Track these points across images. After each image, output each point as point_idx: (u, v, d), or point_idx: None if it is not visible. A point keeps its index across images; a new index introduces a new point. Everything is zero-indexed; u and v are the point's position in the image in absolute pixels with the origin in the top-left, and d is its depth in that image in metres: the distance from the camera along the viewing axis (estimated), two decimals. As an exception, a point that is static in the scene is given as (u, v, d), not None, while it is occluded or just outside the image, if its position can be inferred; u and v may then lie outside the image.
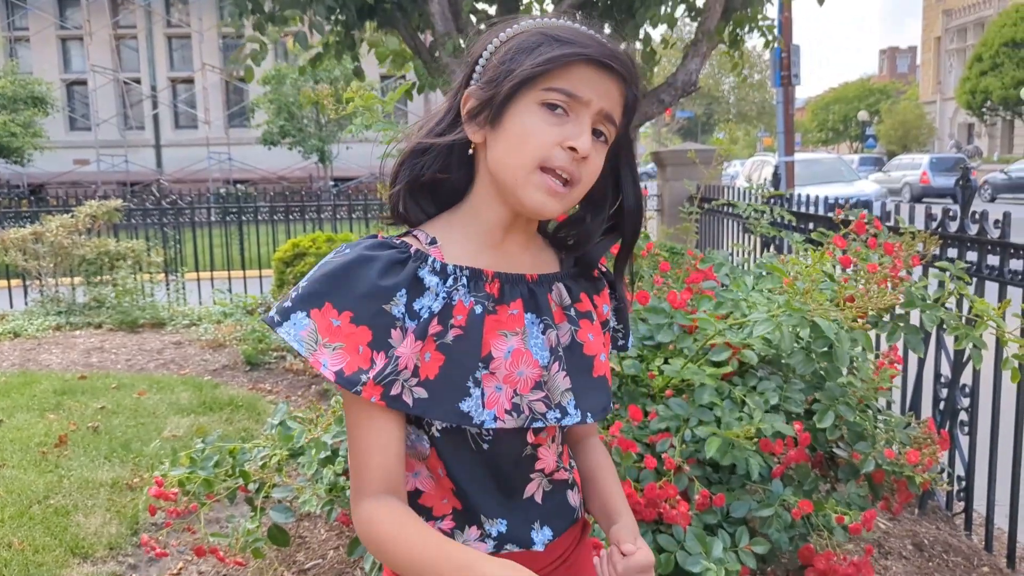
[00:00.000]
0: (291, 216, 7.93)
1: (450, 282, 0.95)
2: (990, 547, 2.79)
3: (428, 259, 0.96)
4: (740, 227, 5.31)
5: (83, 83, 26.49)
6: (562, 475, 1.07)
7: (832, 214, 3.56)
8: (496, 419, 0.95)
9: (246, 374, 5.21)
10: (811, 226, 3.78)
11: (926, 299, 2.07)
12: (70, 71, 27.14)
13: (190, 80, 26.59)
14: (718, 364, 1.98)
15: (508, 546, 1.01)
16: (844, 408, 1.98)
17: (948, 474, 2.95)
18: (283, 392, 4.80)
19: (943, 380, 2.95)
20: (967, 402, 2.88)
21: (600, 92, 0.93)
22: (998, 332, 2.04)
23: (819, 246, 2.25)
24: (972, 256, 2.81)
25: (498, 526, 1.00)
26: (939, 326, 2.13)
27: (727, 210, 5.51)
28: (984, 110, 34.77)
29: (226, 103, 26.84)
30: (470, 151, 0.99)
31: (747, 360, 1.95)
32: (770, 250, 4.17)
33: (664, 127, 50.92)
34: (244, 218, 7.87)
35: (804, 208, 4.09)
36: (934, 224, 2.97)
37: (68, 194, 9.08)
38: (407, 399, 0.92)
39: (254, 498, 2.10)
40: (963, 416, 2.91)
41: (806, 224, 3.93)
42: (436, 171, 0.99)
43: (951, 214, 2.91)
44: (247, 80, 5.28)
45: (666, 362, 2.01)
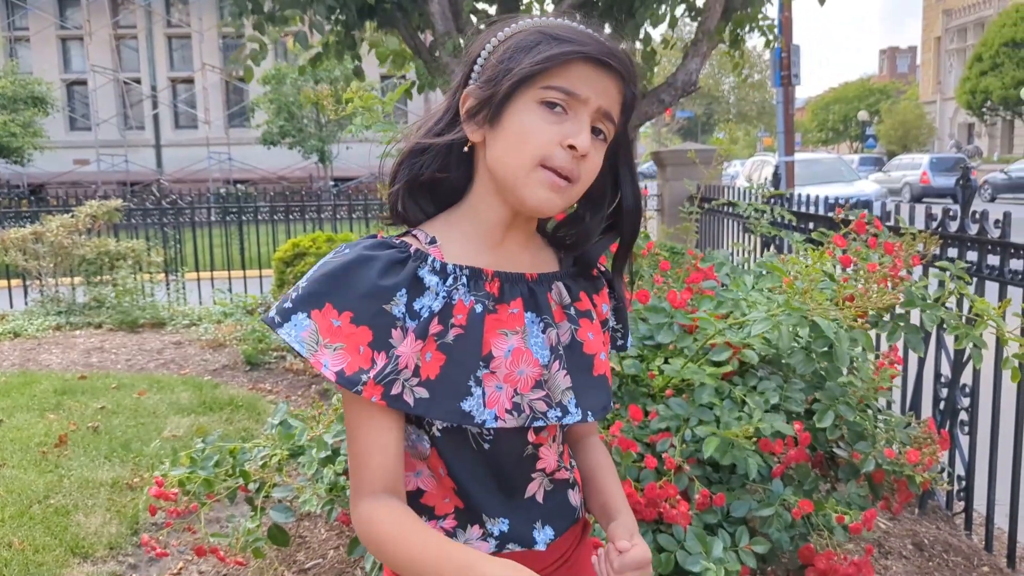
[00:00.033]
0: (291, 216, 7.93)
1: (450, 281, 0.95)
2: (990, 547, 2.79)
3: (428, 258, 0.96)
4: (740, 227, 5.31)
5: (83, 83, 26.49)
6: (563, 475, 1.07)
7: (832, 214, 3.56)
8: (497, 418, 0.95)
9: (246, 374, 5.21)
10: (811, 226, 3.78)
11: (926, 299, 2.07)
12: (70, 71, 27.15)
13: (190, 80, 26.59)
14: (718, 364, 1.98)
15: (510, 545, 1.01)
16: (844, 408, 1.98)
17: (948, 474, 2.95)
18: (283, 392, 4.80)
19: (943, 380, 2.95)
20: (967, 402, 2.88)
21: (599, 90, 0.93)
22: (998, 332, 2.04)
23: (819, 246, 2.25)
24: (972, 256, 2.81)
25: (500, 525, 1.00)
26: (939, 326, 2.13)
27: (727, 210, 5.51)
28: (984, 110, 34.77)
29: (226, 103, 26.84)
30: (465, 149, 0.99)
31: (747, 360, 1.95)
32: (770, 250, 4.17)
33: (664, 127, 50.92)
34: (244, 218, 7.87)
35: (804, 208, 4.09)
36: (934, 224, 2.97)
37: (68, 194, 9.08)
38: (408, 399, 0.92)
39: (254, 498, 2.10)
40: (963, 416, 2.91)
41: (806, 224, 3.93)
42: (435, 170, 0.99)
43: (951, 214, 2.91)
44: (246, 80, 5.28)
45: (666, 362, 2.01)
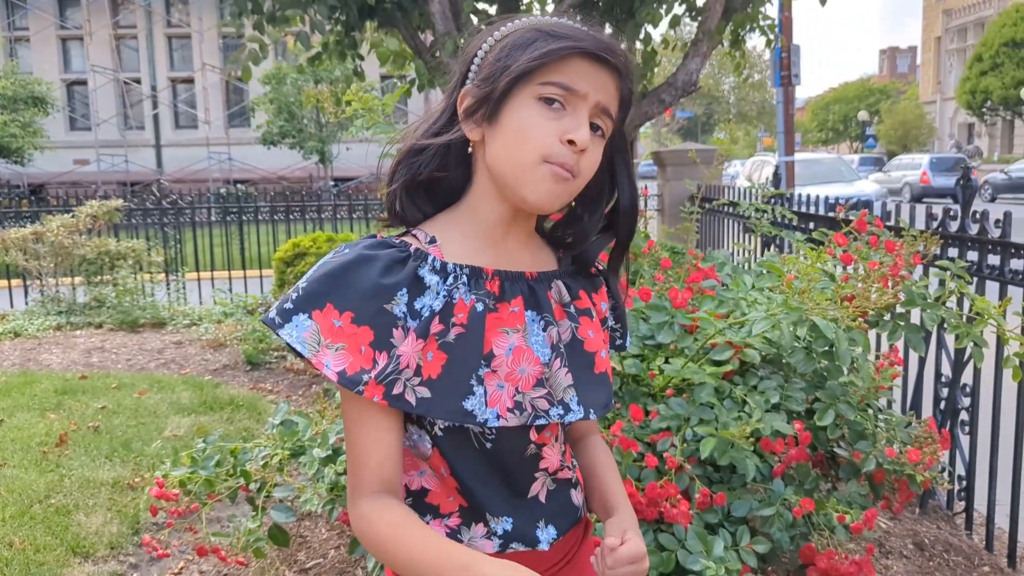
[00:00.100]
0: (291, 216, 7.93)
1: (450, 280, 0.95)
2: (991, 547, 2.79)
3: (428, 258, 0.95)
4: (740, 227, 5.31)
5: (83, 83, 26.49)
6: (566, 474, 1.07)
7: (833, 213, 3.56)
8: (499, 417, 0.95)
9: (247, 374, 5.21)
10: (812, 226, 3.78)
11: (927, 298, 2.07)
12: (70, 71, 27.14)
13: (190, 80, 26.59)
14: (719, 363, 1.98)
15: (514, 545, 1.01)
16: (845, 407, 1.98)
17: (949, 473, 2.95)
18: (284, 392, 4.80)
19: (944, 379, 2.95)
20: (968, 401, 2.89)
21: (596, 85, 0.93)
22: (999, 330, 2.04)
23: (820, 245, 2.25)
24: (973, 256, 2.81)
25: (504, 524, 1.00)
26: (940, 325, 2.13)
27: (728, 210, 5.51)
28: (984, 110, 34.77)
29: (226, 103, 26.84)
30: (468, 150, 0.99)
31: (749, 359, 1.95)
32: (771, 250, 4.18)
33: (664, 127, 50.92)
34: (244, 218, 7.87)
35: (805, 208, 4.09)
36: (935, 224, 2.97)
37: (68, 194, 9.08)
38: (409, 398, 0.92)
39: (255, 497, 2.10)
40: (964, 415, 2.91)
41: (807, 224, 3.94)
42: (433, 170, 0.99)
43: (952, 214, 2.91)
44: (244, 80, 5.27)
45: (667, 361, 2.02)
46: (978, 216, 2.80)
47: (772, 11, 5.53)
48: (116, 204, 7.39)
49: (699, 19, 5.10)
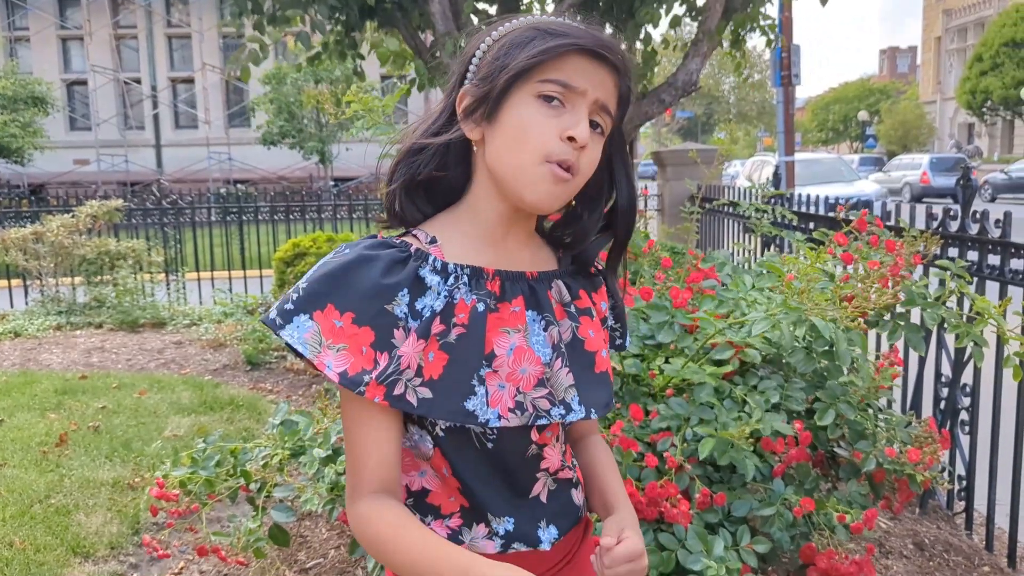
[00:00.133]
0: (291, 216, 7.93)
1: (451, 281, 0.95)
2: (991, 546, 2.79)
3: (429, 258, 0.95)
4: (741, 227, 5.31)
5: (83, 83, 26.48)
6: (567, 474, 1.07)
7: (833, 213, 3.56)
8: (500, 417, 0.94)
9: (247, 374, 5.21)
10: (812, 226, 3.78)
11: (927, 297, 2.07)
12: (70, 71, 27.14)
13: (190, 80, 26.59)
14: (720, 363, 1.98)
15: (516, 545, 1.01)
16: (845, 407, 1.98)
17: (949, 473, 2.95)
18: (284, 392, 4.80)
19: (944, 379, 2.95)
20: (968, 401, 2.89)
21: (595, 82, 0.93)
22: (999, 330, 2.04)
23: (820, 245, 2.25)
24: (973, 256, 2.81)
25: (505, 524, 1.00)
26: (940, 325, 2.13)
27: (728, 210, 5.51)
28: (984, 110, 34.77)
29: (226, 103, 26.84)
30: (473, 149, 0.99)
31: (749, 359, 1.95)
32: (771, 250, 4.18)
33: (664, 127, 50.93)
34: (244, 218, 7.87)
35: (805, 208, 4.09)
36: (935, 224, 2.98)
37: (68, 194, 9.09)
38: (411, 399, 0.91)
39: (256, 497, 2.10)
40: (964, 415, 2.91)
41: (807, 224, 3.94)
42: (432, 170, 0.99)
43: (952, 214, 2.91)
44: (244, 80, 5.26)
45: (667, 361, 2.02)
46: (978, 216, 2.80)
47: (772, 11, 5.53)
48: (116, 204, 7.39)
49: (699, 19, 5.10)
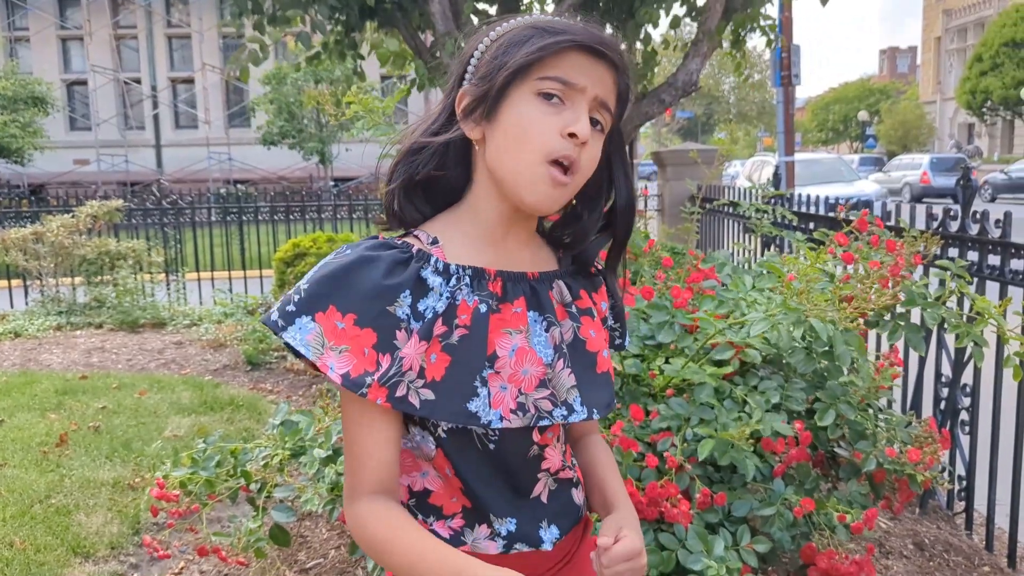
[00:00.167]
0: (291, 216, 7.94)
1: (453, 282, 0.95)
2: (991, 547, 2.80)
3: (431, 259, 0.95)
4: (741, 227, 5.31)
5: (83, 83, 26.49)
6: (567, 474, 1.07)
7: (833, 214, 3.56)
8: (502, 419, 0.94)
9: (247, 374, 5.22)
10: (812, 226, 3.78)
11: (927, 297, 2.07)
12: (70, 71, 27.15)
13: (190, 80, 26.59)
14: (720, 363, 1.98)
15: (518, 545, 1.01)
16: (845, 407, 1.98)
17: (949, 473, 2.95)
18: (284, 392, 4.80)
19: (944, 379, 2.95)
20: (968, 401, 2.89)
21: (594, 78, 0.94)
22: (999, 330, 2.05)
23: (820, 245, 2.25)
24: (973, 256, 2.81)
25: (507, 525, 1.00)
26: (940, 325, 2.13)
27: (728, 210, 5.51)
28: (984, 110, 34.77)
29: (226, 103, 26.85)
30: (474, 149, 0.99)
31: (749, 359, 1.95)
32: (771, 250, 4.18)
33: (664, 127, 50.92)
34: (244, 218, 7.87)
35: (805, 208, 4.09)
36: (935, 224, 2.98)
37: (68, 194, 9.09)
38: (413, 400, 0.91)
39: (256, 498, 2.10)
40: (964, 415, 2.91)
41: (807, 224, 3.94)
42: (431, 169, 0.98)
43: (952, 214, 2.91)
44: (243, 80, 5.26)
45: (667, 361, 2.02)
46: (978, 216, 2.80)
47: (772, 11, 5.53)
48: (116, 204, 7.40)
49: (699, 19, 5.10)
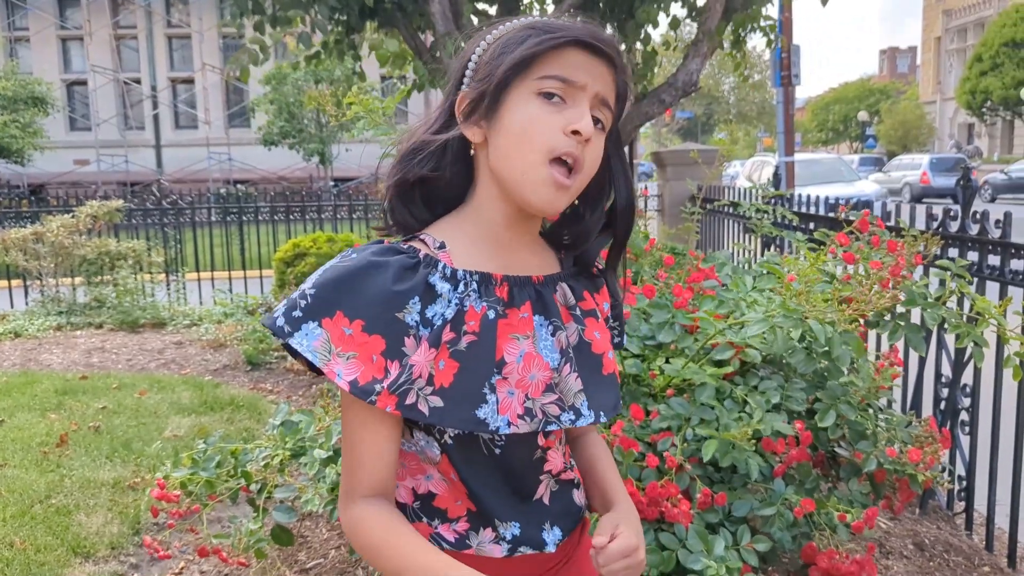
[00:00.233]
0: (291, 216, 7.94)
1: (461, 288, 0.94)
2: (991, 547, 2.80)
3: (438, 264, 0.94)
4: (741, 227, 5.31)
5: (83, 83, 26.48)
6: (568, 475, 1.07)
7: (833, 214, 3.56)
8: (510, 424, 0.94)
9: (247, 374, 5.22)
10: (812, 226, 3.78)
11: (927, 298, 2.07)
12: (70, 71, 27.14)
13: (190, 80, 26.59)
14: (720, 363, 1.98)
15: (522, 548, 1.00)
16: (846, 407, 1.98)
17: (949, 473, 2.95)
18: (284, 392, 4.80)
19: (944, 379, 2.95)
20: (968, 402, 2.89)
21: (594, 75, 0.94)
22: (999, 330, 2.05)
23: (821, 246, 2.25)
24: (973, 256, 2.81)
25: (512, 528, 1.00)
26: (940, 325, 2.13)
27: (728, 210, 5.51)
28: (984, 110, 34.77)
29: (226, 103, 26.84)
30: (471, 151, 0.98)
31: (750, 359, 1.95)
32: (771, 250, 4.18)
33: (664, 127, 50.93)
34: (244, 218, 7.87)
35: (805, 208, 4.09)
36: (935, 224, 2.98)
37: (68, 194, 9.09)
38: (422, 408, 0.91)
39: (256, 498, 2.10)
40: (964, 415, 2.91)
41: (807, 224, 3.94)
42: (429, 170, 0.98)
43: (952, 214, 2.91)
44: (243, 80, 5.26)
45: (667, 361, 2.02)
46: (978, 216, 2.80)
47: (772, 11, 5.52)
48: (116, 204, 7.40)
49: (699, 20, 5.10)
